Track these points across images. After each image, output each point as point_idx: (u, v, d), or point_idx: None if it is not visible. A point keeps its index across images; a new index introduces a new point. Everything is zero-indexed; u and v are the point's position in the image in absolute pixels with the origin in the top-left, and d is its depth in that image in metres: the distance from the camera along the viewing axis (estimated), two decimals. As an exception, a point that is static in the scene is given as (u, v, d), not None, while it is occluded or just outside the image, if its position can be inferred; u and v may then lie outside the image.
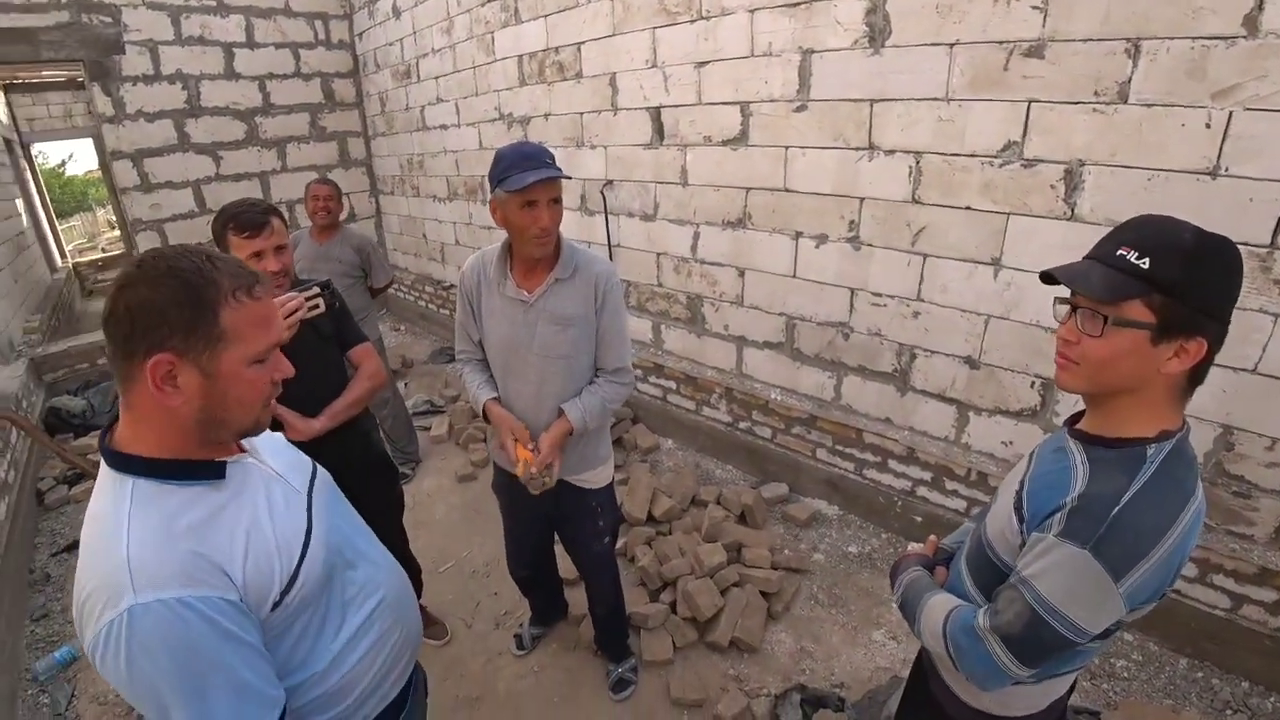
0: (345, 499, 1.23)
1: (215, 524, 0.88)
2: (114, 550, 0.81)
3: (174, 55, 5.29)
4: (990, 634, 0.96)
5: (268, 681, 0.89)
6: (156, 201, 5.41)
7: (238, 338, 0.87)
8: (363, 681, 1.06)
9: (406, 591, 1.22)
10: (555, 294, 1.75)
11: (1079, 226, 2.20)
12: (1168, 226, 0.90)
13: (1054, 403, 2.44)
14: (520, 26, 4.21)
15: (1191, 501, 0.89)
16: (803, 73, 2.82)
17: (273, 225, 1.80)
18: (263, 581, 0.90)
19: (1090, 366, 0.93)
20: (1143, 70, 1.98)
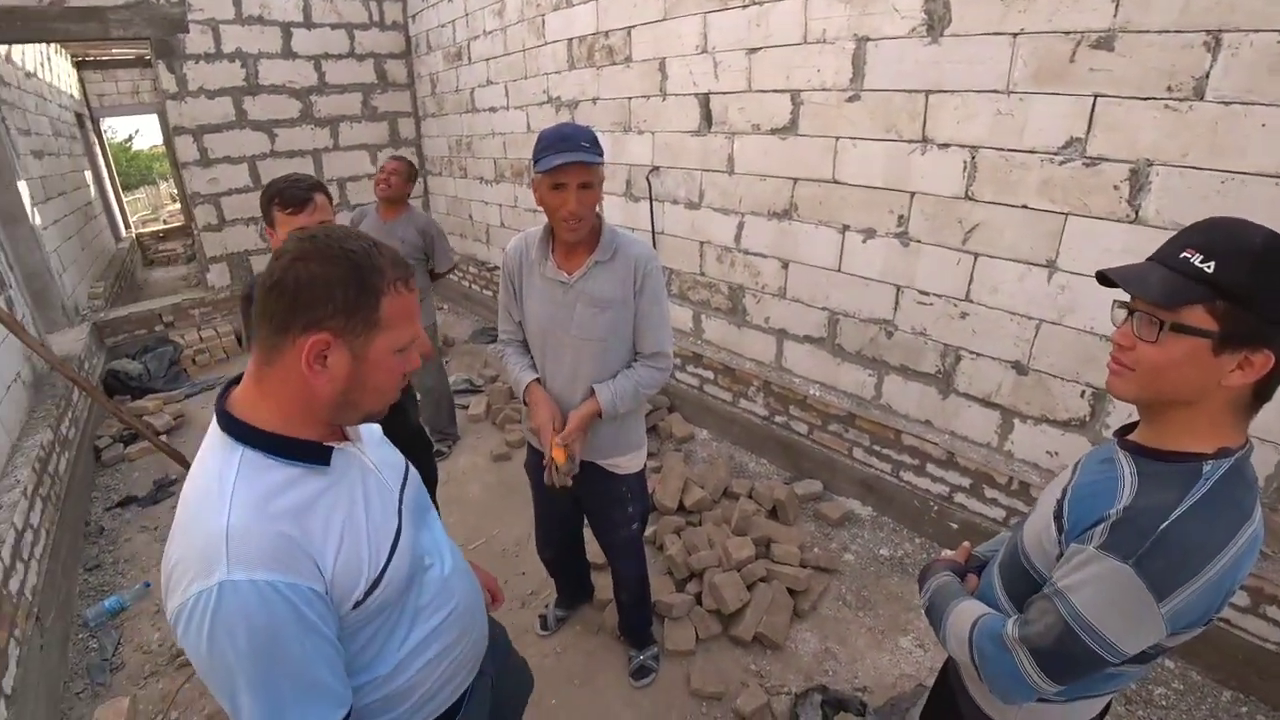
0: (430, 502, 1.22)
1: (312, 510, 0.86)
2: (214, 520, 0.79)
3: (234, 34, 5.43)
4: (1019, 644, 0.92)
5: (339, 679, 0.87)
6: (214, 176, 5.58)
7: (391, 325, 0.87)
8: (422, 688, 1.04)
9: (477, 602, 1.20)
10: (594, 276, 1.75)
11: (1143, 230, 2.10)
12: (1237, 229, 0.83)
13: (1104, 414, 2.34)
14: (572, 10, 4.19)
15: (1248, 525, 0.83)
16: (856, 61, 2.75)
17: (316, 201, 1.81)
18: (349, 579, 0.87)
19: (1144, 374, 0.88)
20: (1222, 65, 1.86)
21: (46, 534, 2.74)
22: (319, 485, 0.88)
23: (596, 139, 1.64)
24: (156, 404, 4.56)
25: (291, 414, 0.87)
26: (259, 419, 0.87)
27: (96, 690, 2.39)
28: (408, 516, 1.03)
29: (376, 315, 0.85)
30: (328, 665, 0.85)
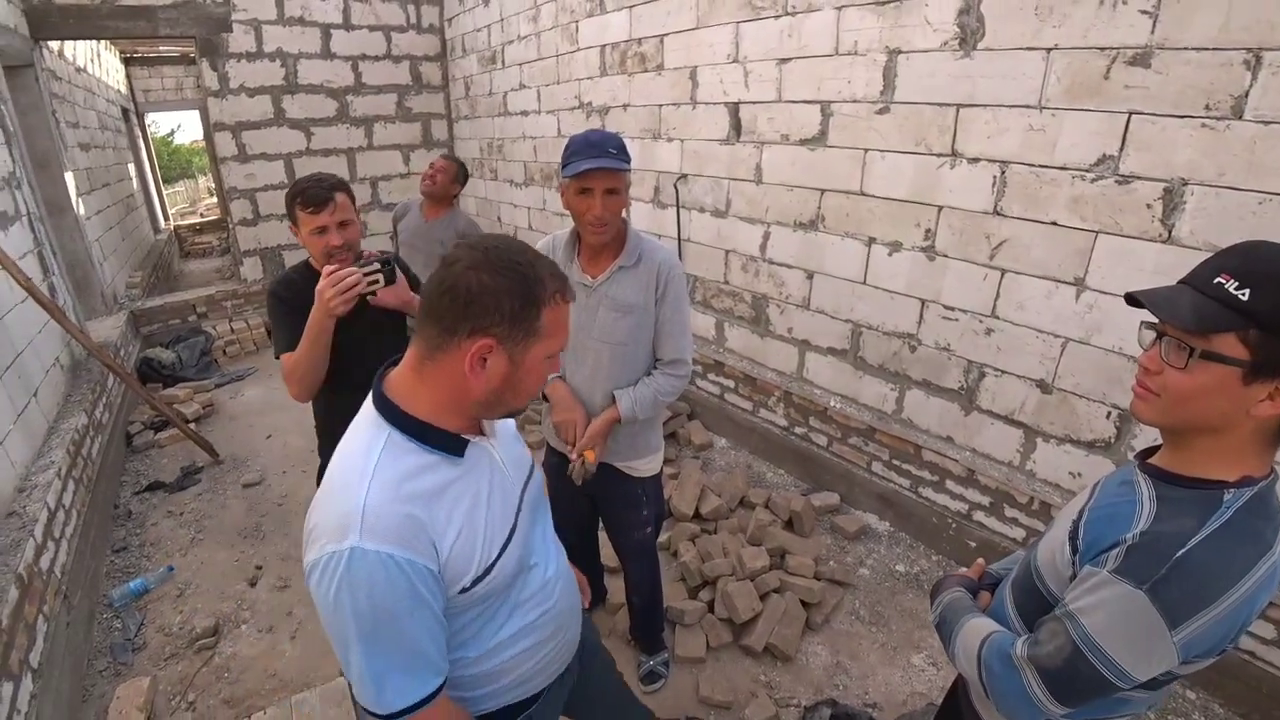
0: (548, 502, 1.27)
1: (440, 498, 0.93)
2: (355, 493, 0.88)
3: (276, 34, 5.58)
4: (1027, 664, 0.92)
5: (440, 652, 0.95)
6: (251, 172, 5.73)
7: (548, 335, 0.94)
8: (509, 675, 1.10)
9: (574, 605, 1.24)
10: (618, 281, 1.78)
11: (1175, 250, 2.06)
12: (1276, 254, 0.80)
13: (1130, 436, 2.29)
14: (605, 16, 4.23)
15: (1268, 556, 0.81)
16: (887, 74, 2.74)
17: (336, 201, 1.81)
18: (461, 566, 0.94)
19: (1170, 400, 0.86)
20: (1262, 83, 1.82)
21: (78, 515, 2.82)
22: (450, 475, 0.96)
23: (624, 145, 1.67)
24: (187, 392, 4.67)
25: (442, 405, 0.95)
26: (411, 405, 0.95)
27: (119, 669, 2.45)
28: (525, 514, 1.09)
29: (537, 325, 0.92)
30: (431, 638, 0.92)
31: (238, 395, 4.91)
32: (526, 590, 1.10)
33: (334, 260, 1.81)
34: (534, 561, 1.12)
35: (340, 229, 1.83)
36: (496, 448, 1.06)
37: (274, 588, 2.86)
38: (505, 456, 1.08)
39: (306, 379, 1.79)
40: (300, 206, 1.79)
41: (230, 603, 2.78)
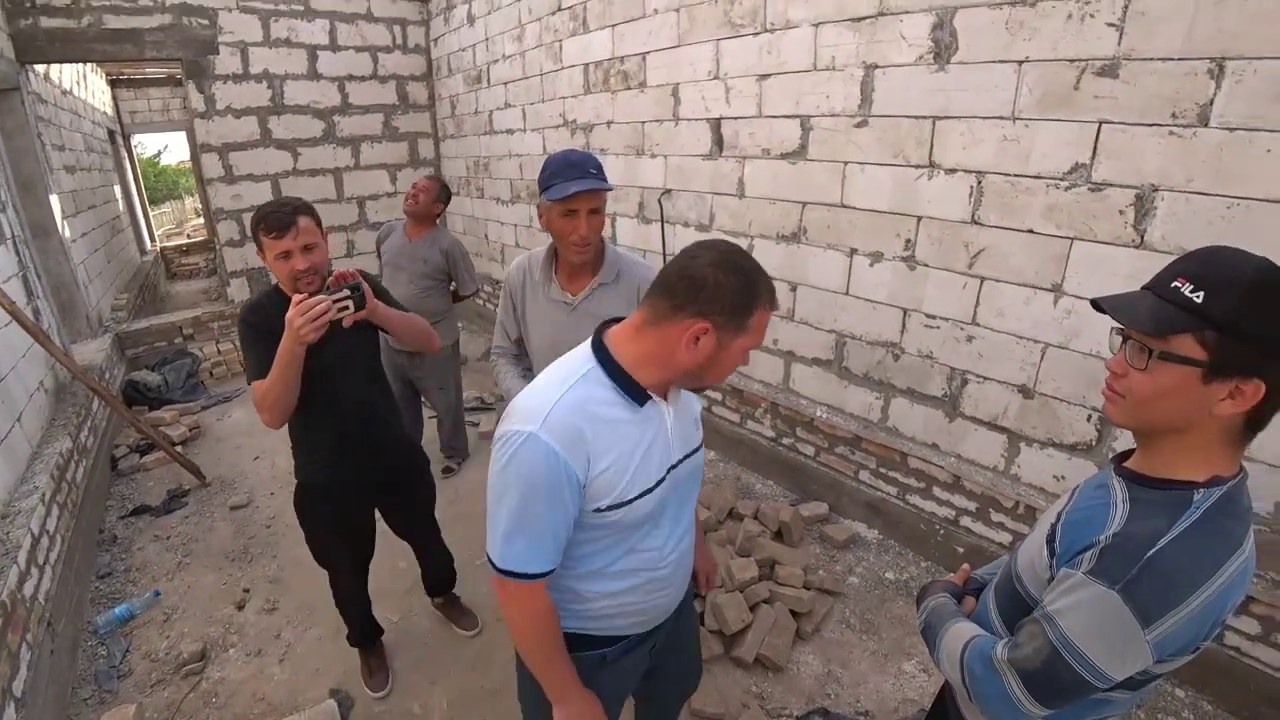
0: (698, 484, 1.37)
1: (609, 428, 1.11)
2: (550, 395, 1.09)
3: (262, 56, 5.61)
4: (1007, 666, 0.93)
5: (557, 548, 1.13)
6: (238, 192, 5.73)
7: (752, 332, 1.09)
8: (596, 604, 1.25)
9: (680, 581, 1.35)
10: (598, 298, 1.80)
11: (1148, 255, 2.10)
12: (1230, 258, 0.84)
13: (1110, 438, 2.32)
14: (588, 35, 4.29)
15: (1238, 554, 0.84)
16: (865, 88, 2.79)
17: (299, 225, 1.77)
18: (603, 489, 1.11)
19: (1134, 401, 0.89)
20: (1226, 92, 1.87)
21: (62, 540, 2.79)
22: (624, 416, 1.13)
23: (600, 164, 1.70)
24: (173, 415, 4.63)
25: (643, 362, 1.13)
26: (619, 354, 1.14)
27: (104, 697, 2.42)
28: (670, 483, 1.22)
29: (748, 322, 1.07)
30: (555, 532, 1.11)
31: (225, 417, 4.88)
32: (645, 545, 1.24)
33: (301, 284, 1.80)
34: (661, 525, 1.25)
35: (305, 253, 1.80)
36: (670, 416, 1.21)
37: (262, 610, 2.83)
38: (675, 428, 1.22)
39: (278, 406, 1.78)
40: (264, 232, 1.76)
41: (218, 627, 2.75)
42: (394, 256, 3.48)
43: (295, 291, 1.80)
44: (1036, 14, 2.21)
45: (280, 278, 1.84)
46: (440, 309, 3.51)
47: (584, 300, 1.81)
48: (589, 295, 1.80)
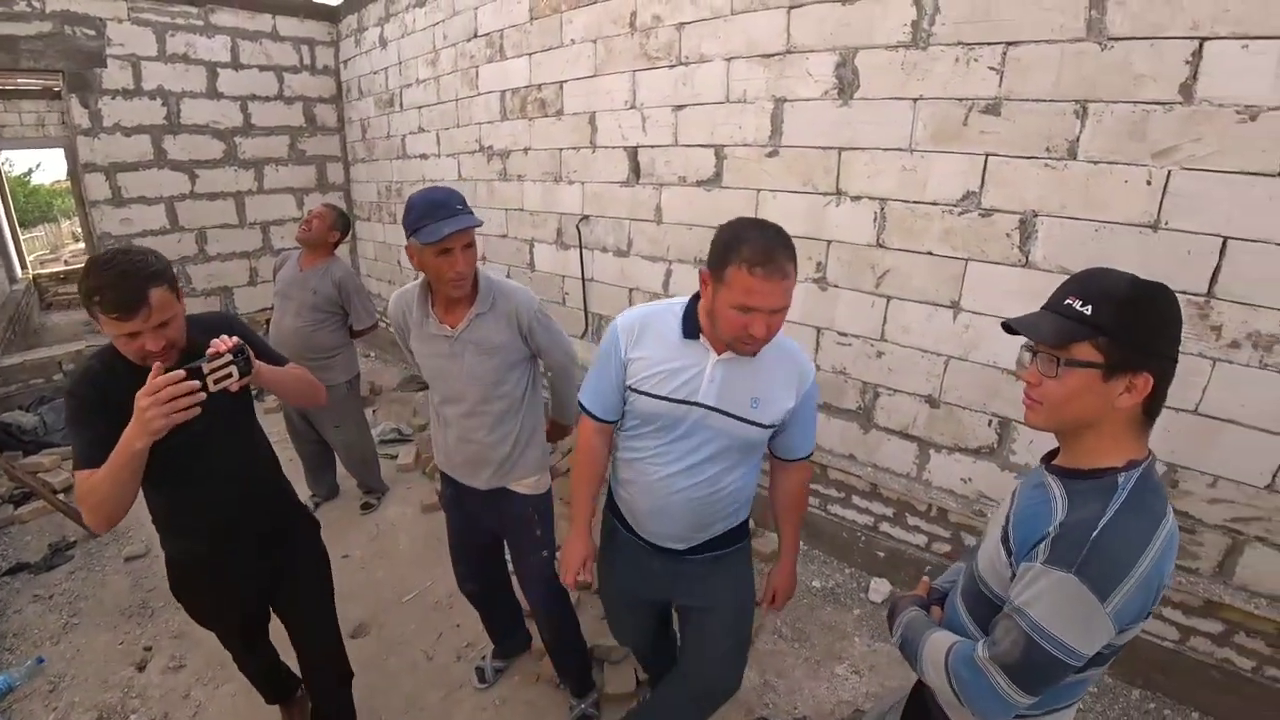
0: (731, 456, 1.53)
1: (657, 336, 1.51)
2: (638, 308, 1.57)
3: (156, 71, 5.29)
4: (990, 664, 1.00)
5: (607, 401, 1.59)
6: (128, 216, 5.34)
7: (729, 286, 1.30)
8: (617, 486, 1.68)
9: (676, 526, 1.60)
10: (477, 326, 1.85)
11: (1032, 273, 2.32)
12: (1108, 276, 0.99)
13: (1010, 440, 2.53)
14: (505, 63, 4.31)
15: (1164, 523, 0.96)
16: (775, 120, 2.94)
17: (150, 303, 1.37)
18: (634, 371, 1.51)
19: (1051, 405, 1.01)
20: (1089, 130, 2.12)
21: (-78, 603, 2.48)
22: (673, 338, 1.48)
23: (464, 198, 1.76)
24: (54, 460, 4.23)
25: (704, 312, 1.42)
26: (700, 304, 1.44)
27: (-22, 777, 2.16)
28: (693, 420, 1.48)
29: (724, 274, 1.31)
30: (605, 387, 1.58)
31: (114, 458, 4.50)
32: (652, 459, 1.55)
33: (152, 360, 1.39)
34: (669, 452, 1.53)
35: (156, 333, 1.41)
36: (712, 364, 1.45)
37: (167, 669, 2.61)
38: (720, 379, 1.45)
39: (106, 507, 1.38)
40: (101, 310, 1.35)
41: (115, 692, 2.51)
42: (284, 286, 3.30)
43: (144, 365, 1.41)
44: (928, 57, 2.42)
45: (125, 353, 1.45)
46: (333, 344, 3.35)
47: (464, 331, 1.85)
48: (469, 325, 1.85)
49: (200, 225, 5.72)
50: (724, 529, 1.64)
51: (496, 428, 1.94)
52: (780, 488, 1.70)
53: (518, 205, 4.51)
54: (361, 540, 3.47)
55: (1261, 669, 2.14)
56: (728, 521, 1.64)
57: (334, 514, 3.69)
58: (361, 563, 3.25)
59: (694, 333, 1.45)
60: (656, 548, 1.65)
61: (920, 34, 2.43)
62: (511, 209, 4.57)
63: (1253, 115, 1.84)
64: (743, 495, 1.62)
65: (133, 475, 1.36)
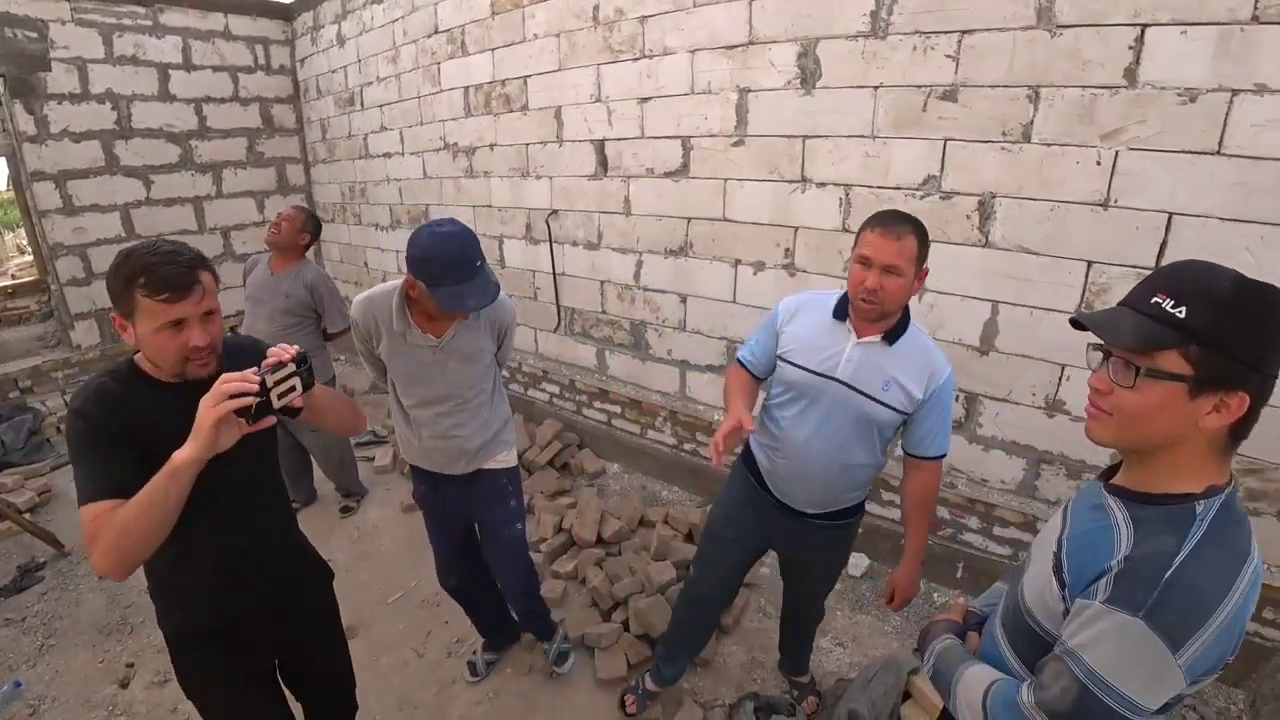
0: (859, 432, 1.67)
1: (809, 316, 1.72)
2: (806, 293, 1.81)
3: (105, 74, 5.10)
4: (1036, 710, 0.89)
5: (757, 357, 1.81)
6: (81, 225, 5.16)
7: (858, 248, 1.56)
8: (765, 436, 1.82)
9: (800, 487, 1.78)
10: (461, 336, 1.92)
11: (993, 252, 2.41)
12: (1206, 272, 0.84)
13: (977, 415, 2.63)
14: (467, 59, 4.29)
15: (1249, 562, 0.83)
16: (740, 110, 2.99)
17: (203, 284, 1.27)
18: (784, 342, 1.73)
19: (1123, 419, 0.88)
20: (1042, 114, 2.21)
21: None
22: (824, 320, 1.68)
23: (479, 244, 1.74)
24: (16, 479, 4.11)
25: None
26: None
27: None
28: (829, 393, 1.65)
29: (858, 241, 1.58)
30: (760, 342, 1.81)
31: (79, 474, 4.38)
32: (787, 421, 1.73)
33: (192, 366, 1.29)
34: (804, 417, 1.70)
35: (204, 322, 1.28)
36: (852, 344, 1.62)
37: (152, 684, 2.57)
38: (858, 359, 1.62)
39: (128, 546, 1.15)
40: (148, 291, 1.21)
41: (99, 711, 2.47)
42: (255, 291, 3.25)
43: (181, 376, 1.29)
44: (887, 45, 2.49)
45: (161, 356, 1.27)
46: (307, 347, 3.24)
47: (450, 340, 1.90)
48: (454, 336, 1.90)
49: (158, 232, 5.55)
50: (847, 503, 1.81)
51: (472, 422, 2.03)
52: (909, 486, 1.77)
53: (485, 202, 4.50)
54: (343, 544, 3.45)
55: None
56: (853, 496, 1.81)
57: (314, 519, 3.66)
58: (345, 566, 3.24)
59: (843, 315, 1.64)
60: (783, 506, 1.82)
61: (879, 23, 2.50)
62: (479, 206, 4.56)
63: (1192, 97, 1.95)
64: (869, 474, 1.78)
65: (176, 504, 1.16)
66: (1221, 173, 1.95)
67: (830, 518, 1.82)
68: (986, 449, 2.66)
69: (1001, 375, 2.53)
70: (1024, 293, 2.38)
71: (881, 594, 1.94)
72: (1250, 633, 2.26)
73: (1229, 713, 2.25)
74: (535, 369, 4.48)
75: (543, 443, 4.08)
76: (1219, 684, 2.33)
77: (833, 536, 1.89)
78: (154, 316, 1.22)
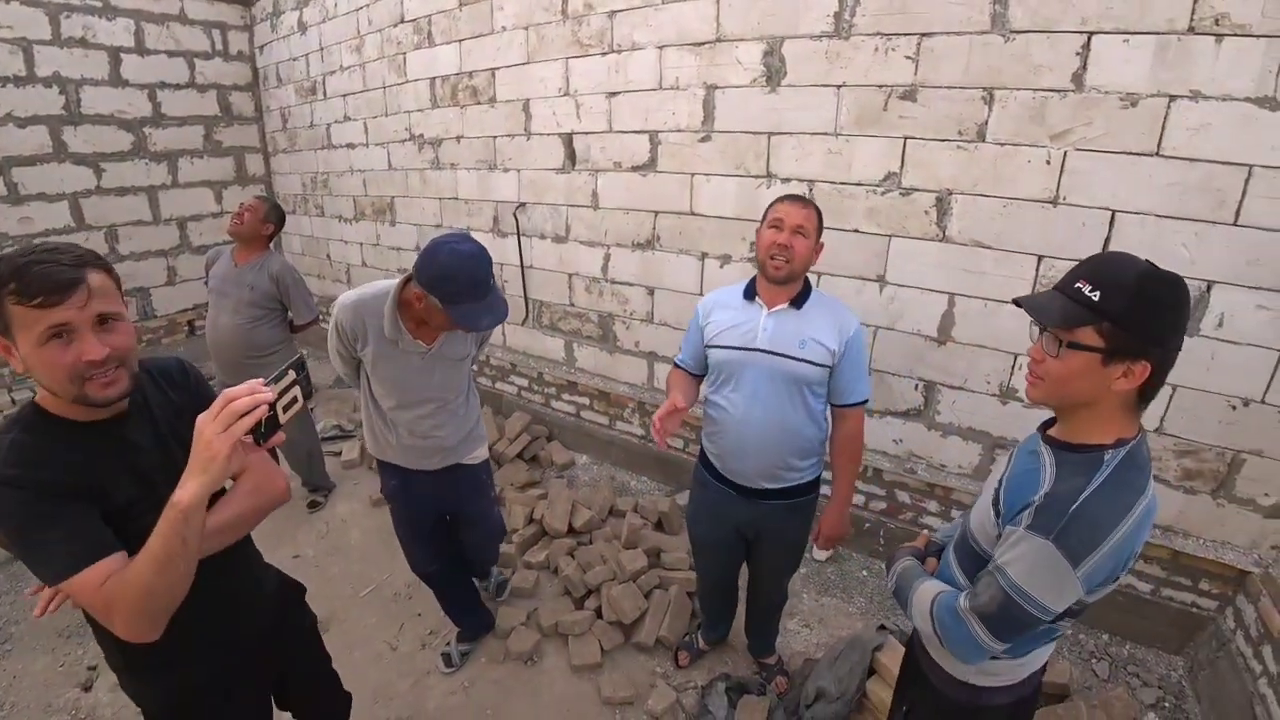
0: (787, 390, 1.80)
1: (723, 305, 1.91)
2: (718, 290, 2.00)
3: (51, 56, 4.89)
4: (970, 614, 1.10)
5: (689, 353, 2.00)
6: (27, 215, 4.97)
7: (768, 219, 1.78)
8: (708, 422, 1.99)
9: (749, 462, 1.89)
10: (448, 343, 2.01)
11: (949, 247, 2.52)
12: (1119, 263, 1.03)
13: (935, 403, 2.74)
14: (434, 49, 4.25)
15: (1142, 499, 1.02)
16: (707, 106, 3.05)
17: (89, 285, 1.03)
18: (709, 331, 1.89)
19: (1051, 382, 1.08)
20: (996, 115, 2.31)
21: None
22: (736, 303, 1.88)
23: (490, 259, 1.76)
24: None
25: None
26: None
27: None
28: (751, 363, 1.80)
29: (767, 215, 1.80)
30: (693, 350, 1.98)
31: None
32: (722, 398, 1.88)
33: (95, 388, 1.05)
34: (737, 391, 1.84)
35: (100, 330, 1.06)
36: (769, 319, 1.80)
37: (115, 686, 2.50)
38: (771, 327, 1.79)
39: (169, 604, 1.04)
40: (19, 296, 0.99)
41: (62, 715, 2.41)
42: (219, 283, 3.19)
43: (83, 400, 1.05)
44: (850, 46, 2.56)
45: (50, 378, 1.04)
46: (273, 340, 3.26)
47: (439, 346, 1.98)
48: (444, 342, 1.99)
49: (110, 223, 5.37)
50: (797, 480, 1.93)
51: (451, 422, 2.12)
52: (835, 435, 1.93)
53: (452, 194, 4.47)
54: (311, 539, 3.43)
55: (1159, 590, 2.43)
56: (799, 470, 1.92)
57: (281, 515, 3.57)
58: (315, 561, 3.22)
59: (751, 295, 1.85)
60: (740, 490, 1.95)
61: (842, 24, 2.57)
62: (446, 198, 4.53)
63: (1133, 102, 2.07)
64: (809, 441, 1.89)
65: (193, 553, 1.02)
66: (1160, 173, 2.08)
67: (784, 495, 1.94)
68: (944, 435, 2.78)
69: (958, 364, 2.64)
70: (979, 285, 2.49)
71: (813, 535, 2.07)
72: (1187, 603, 2.42)
73: (1169, 679, 2.41)
74: (504, 362, 4.48)
75: (511, 435, 4.09)
76: (1161, 652, 2.49)
77: (789, 515, 1.99)
78: (30, 326, 1.00)
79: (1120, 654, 2.51)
